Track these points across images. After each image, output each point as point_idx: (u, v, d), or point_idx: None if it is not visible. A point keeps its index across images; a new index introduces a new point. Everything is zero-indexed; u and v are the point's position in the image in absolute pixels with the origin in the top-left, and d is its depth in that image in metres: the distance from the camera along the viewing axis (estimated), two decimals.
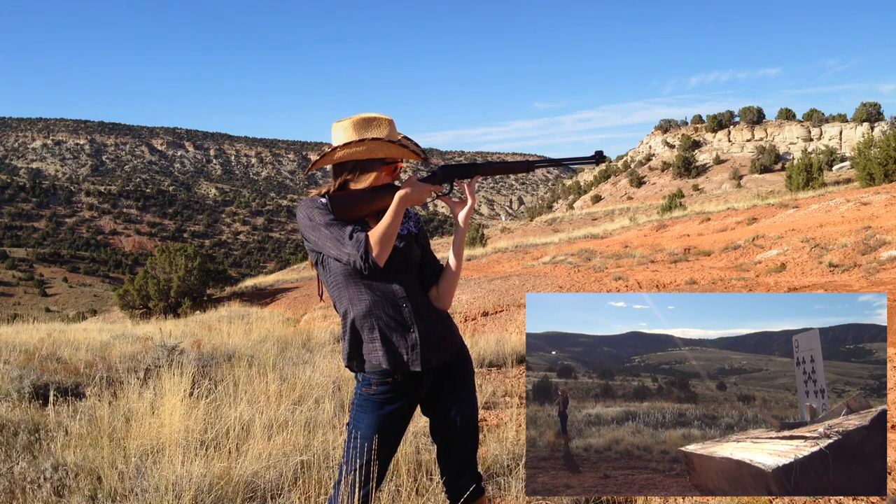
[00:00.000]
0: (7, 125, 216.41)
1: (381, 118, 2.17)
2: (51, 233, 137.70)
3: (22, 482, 3.09)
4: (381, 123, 2.16)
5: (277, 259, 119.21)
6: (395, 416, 2.15)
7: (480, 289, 13.35)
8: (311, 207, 2.11)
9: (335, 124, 2.19)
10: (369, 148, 2.12)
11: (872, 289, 8.72)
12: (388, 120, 2.18)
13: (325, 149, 2.18)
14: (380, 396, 2.13)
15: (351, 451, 2.11)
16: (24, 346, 7.34)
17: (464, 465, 2.25)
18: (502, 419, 4.36)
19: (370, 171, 2.17)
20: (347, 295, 2.12)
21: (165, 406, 3.71)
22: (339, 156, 2.13)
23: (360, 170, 2.16)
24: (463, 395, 2.25)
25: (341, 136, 2.16)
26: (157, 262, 26.05)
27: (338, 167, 2.18)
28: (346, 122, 2.16)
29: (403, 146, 2.16)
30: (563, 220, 45.28)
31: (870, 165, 24.01)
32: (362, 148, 2.11)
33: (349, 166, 2.16)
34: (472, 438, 2.26)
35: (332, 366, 5.63)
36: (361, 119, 2.15)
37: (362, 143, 2.11)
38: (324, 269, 2.16)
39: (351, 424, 2.17)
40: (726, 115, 70.07)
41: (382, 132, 2.15)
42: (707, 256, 14.60)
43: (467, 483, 2.24)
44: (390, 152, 2.15)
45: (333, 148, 2.13)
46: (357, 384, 2.19)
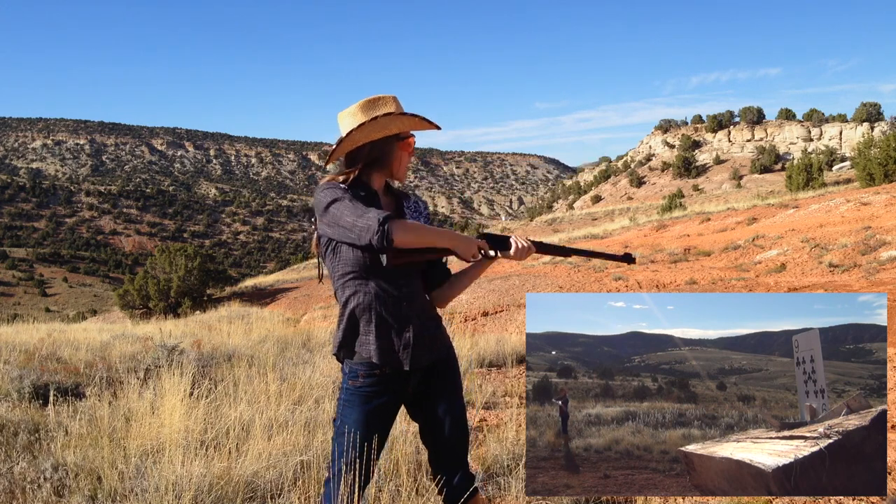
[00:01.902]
0: (7, 125, 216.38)
1: (385, 96, 2.15)
2: (51, 233, 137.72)
3: (22, 482, 3.09)
4: (386, 101, 2.14)
5: (277, 259, 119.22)
6: (381, 410, 2.15)
7: (480, 289, 13.35)
8: (333, 188, 2.05)
9: (341, 114, 2.16)
10: (382, 123, 2.08)
11: (872, 289, 8.72)
12: (392, 97, 2.16)
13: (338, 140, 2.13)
14: (366, 390, 2.12)
15: (342, 446, 2.10)
16: (24, 346, 7.34)
17: (456, 465, 2.25)
18: (502, 419, 4.35)
19: (389, 152, 2.14)
20: (353, 285, 2.10)
21: (165, 406, 3.71)
22: (357, 139, 2.09)
23: (377, 152, 2.13)
24: (450, 395, 2.25)
25: (350, 121, 2.12)
26: (157, 262, 26.06)
27: (353, 155, 2.14)
28: (353, 108, 2.14)
29: (414, 115, 2.13)
30: (563, 220, 45.28)
31: (870, 165, 24.02)
32: (376, 126, 2.08)
33: (366, 150, 2.13)
34: (462, 438, 2.26)
35: (332, 366, 5.63)
36: (366, 101, 2.14)
37: (375, 122, 2.07)
38: (333, 255, 2.11)
39: (338, 420, 2.15)
40: (726, 115, 70.09)
41: (390, 108, 2.13)
42: (707, 256, 14.60)
43: (462, 484, 2.23)
44: (403, 125, 2.13)
45: (347, 134, 2.09)
46: (343, 377, 2.17)
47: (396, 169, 2.19)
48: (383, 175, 2.20)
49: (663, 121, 78.61)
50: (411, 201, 2.31)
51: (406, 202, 2.28)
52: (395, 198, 2.26)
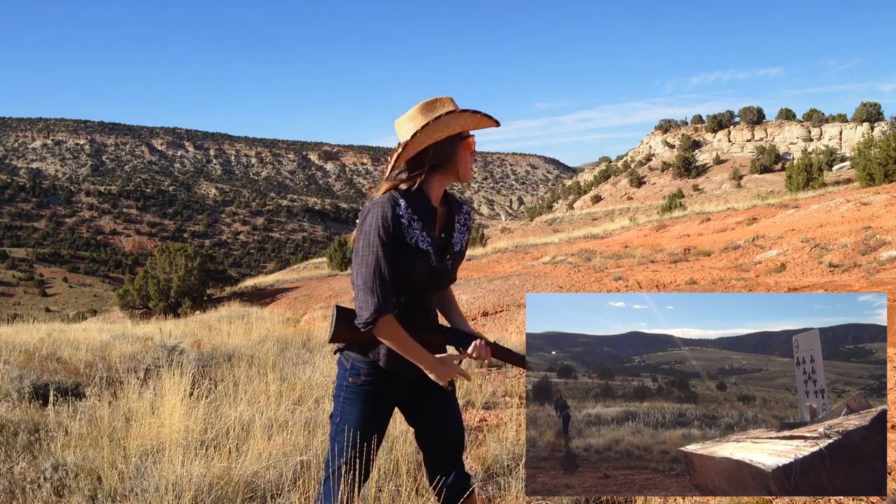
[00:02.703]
0: (7, 125, 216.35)
1: (442, 98, 2.13)
2: (51, 233, 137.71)
3: (22, 482, 3.09)
4: (444, 102, 2.12)
5: (277, 259, 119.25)
6: (380, 410, 2.16)
7: (480, 289, 13.35)
8: (374, 228, 2.01)
9: (399, 119, 2.14)
10: (445, 122, 2.06)
11: (872, 289, 8.71)
12: (448, 98, 2.14)
13: (402, 145, 2.09)
14: (367, 388, 2.12)
15: (341, 444, 2.10)
16: (24, 346, 7.34)
17: (452, 466, 2.26)
18: (502, 419, 4.35)
19: (452, 152, 2.12)
20: None
21: (165, 406, 3.71)
22: (422, 140, 2.06)
23: (441, 154, 2.10)
24: (445, 397, 2.26)
25: (411, 125, 2.09)
26: (157, 262, 26.04)
27: (417, 159, 2.11)
28: (412, 111, 2.11)
29: (476, 112, 2.12)
30: (563, 220, 45.27)
31: (870, 165, 24.01)
32: (441, 125, 2.06)
33: (430, 152, 2.10)
34: (458, 439, 2.28)
35: (332, 366, 5.63)
36: (425, 104, 2.11)
37: (439, 121, 2.05)
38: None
39: (337, 416, 2.14)
40: (726, 115, 70.10)
41: (450, 107, 2.11)
42: (707, 256, 14.60)
43: (457, 484, 2.24)
44: (466, 123, 2.11)
45: (412, 136, 2.05)
46: (342, 373, 2.16)
47: (461, 170, 2.16)
48: (446, 179, 2.17)
49: (663, 121, 78.63)
50: (463, 213, 2.29)
51: (458, 215, 2.26)
52: (449, 210, 2.24)
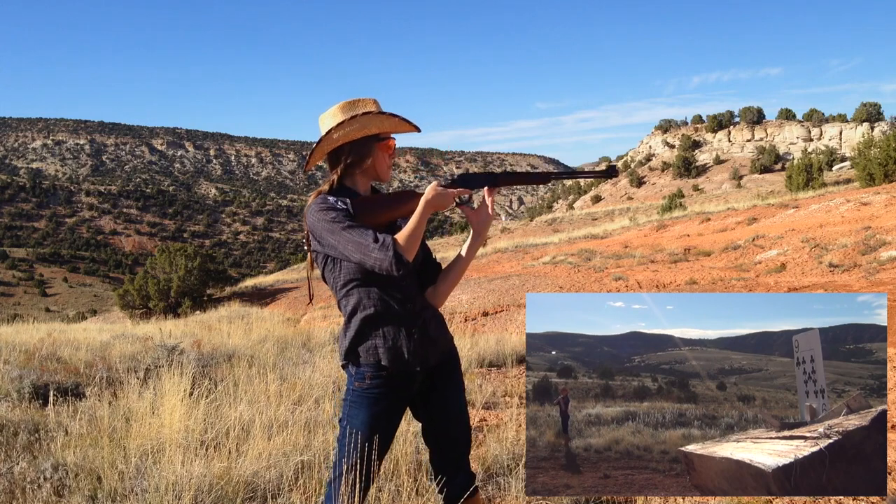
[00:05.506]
0: (7, 125, 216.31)
1: (364, 99, 2.17)
2: (51, 233, 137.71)
3: (22, 482, 3.09)
4: (366, 102, 2.17)
5: (277, 259, 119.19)
6: (388, 412, 2.15)
7: (480, 289, 13.36)
8: (325, 209, 2.06)
9: (322, 116, 2.18)
10: (361, 123, 2.10)
11: (872, 289, 8.71)
12: (372, 99, 2.18)
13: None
14: (374, 391, 2.12)
15: (347, 447, 2.10)
16: (24, 346, 7.34)
17: (458, 464, 2.25)
18: (502, 419, 4.35)
19: (367, 152, 2.14)
20: (357, 293, 2.11)
21: (165, 406, 3.71)
22: (335, 138, 2.10)
23: (356, 153, 2.13)
24: (453, 394, 2.25)
25: (330, 121, 2.14)
26: (157, 262, 26.06)
27: (334, 156, 2.16)
28: (333, 109, 2.16)
29: (394, 115, 2.15)
30: (563, 220, 45.25)
31: (870, 165, 24.01)
32: (355, 125, 2.09)
33: (346, 150, 2.14)
34: (465, 438, 2.27)
35: (331, 366, 5.63)
36: (346, 102, 2.16)
37: (354, 120, 2.09)
38: (333, 266, 2.11)
39: (345, 420, 2.14)
40: (726, 115, 70.13)
41: (370, 108, 2.15)
42: (707, 256, 14.60)
43: (462, 483, 2.23)
44: (382, 125, 2.14)
45: (326, 133, 2.11)
46: (349, 378, 2.17)
47: (379, 169, 2.19)
48: (368, 178, 2.21)
49: (663, 121, 78.69)
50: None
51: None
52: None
